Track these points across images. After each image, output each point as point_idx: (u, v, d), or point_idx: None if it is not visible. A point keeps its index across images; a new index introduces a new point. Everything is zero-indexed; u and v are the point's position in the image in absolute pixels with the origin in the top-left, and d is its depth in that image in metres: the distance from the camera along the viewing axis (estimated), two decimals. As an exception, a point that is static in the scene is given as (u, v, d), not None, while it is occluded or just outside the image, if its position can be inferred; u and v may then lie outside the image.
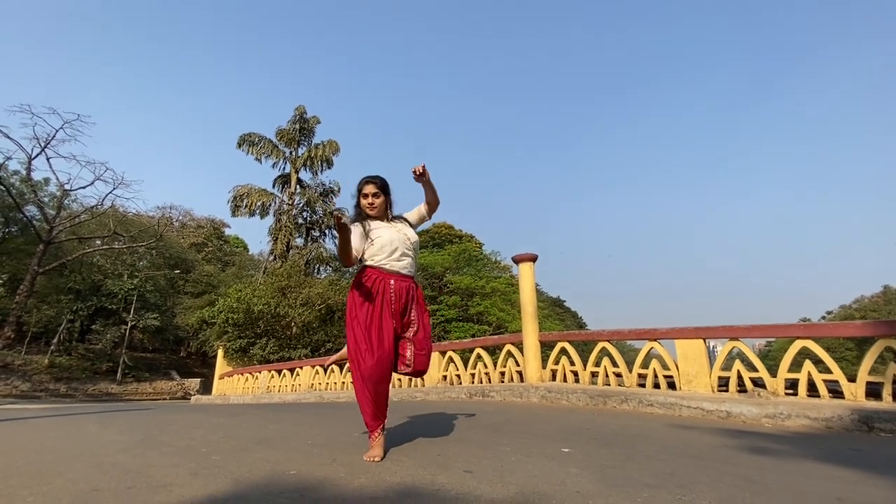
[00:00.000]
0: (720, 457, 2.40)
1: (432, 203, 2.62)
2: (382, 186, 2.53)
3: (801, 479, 1.92)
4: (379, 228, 2.45)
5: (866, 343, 5.03)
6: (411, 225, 2.62)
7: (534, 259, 7.83)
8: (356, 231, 2.41)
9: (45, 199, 28.53)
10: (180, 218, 40.57)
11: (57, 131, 25.23)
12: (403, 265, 2.45)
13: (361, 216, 2.50)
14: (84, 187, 28.06)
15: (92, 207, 27.95)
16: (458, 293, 28.80)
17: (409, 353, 2.43)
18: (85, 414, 4.54)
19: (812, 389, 5.06)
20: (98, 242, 29.56)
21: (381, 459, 2.13)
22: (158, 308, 29.92)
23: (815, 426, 4.06)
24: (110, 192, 27.03)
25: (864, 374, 4.69)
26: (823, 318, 63.38)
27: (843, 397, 4.74)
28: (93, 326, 28.81)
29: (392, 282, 2.37)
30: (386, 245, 2.40)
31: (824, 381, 4.94)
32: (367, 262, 2.43)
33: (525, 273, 7.86)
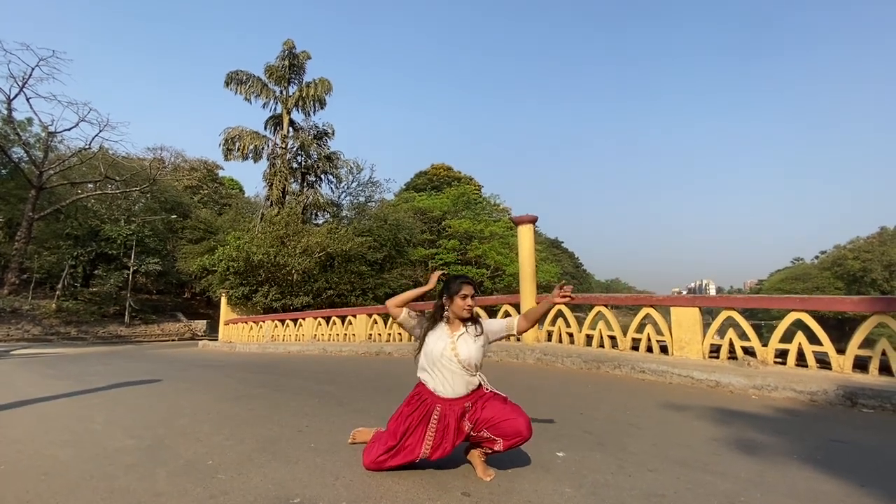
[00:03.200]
0: (708, 461, 2.49)
1: (532, 323, 2.42)
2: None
3: (787, 501, 1.99)
4: (439, 339, 2.21)
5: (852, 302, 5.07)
6: (488, 338, 2.31)
7: (533, 221, 7.73)
8: (416, 324, 2.30)
9: (31, 141, 27.64)
10: (172, 160, 39.42)
11: (33, 69, 23.94)
12: (450, 390, 2.18)
13: (442, 318, 2.26)
14: (69, 129, 27.08)
15: (80, 150, 27.17)
16: (456, 237, 28.88)
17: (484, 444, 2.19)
18: (93, 392, 4.68)
19: (801, 358, 5.20)
20: (90, 187, 29.02)
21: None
22: (158, 252, 30.06)
23: (800, 399, 4.21)
24: (97, 135, 26.23)
25: (853, 348, 4.77)
26: (816, 258, 64.27)
27: (831, 368, 4.87)
28: (95, 272, 29.12)
29: (438, 407, 2.18)
30: (434, 364, 2.20)
31: (814, 352, 5.05)
32: (419, 373, 2.30)
33: (524, 235, 7.79)
